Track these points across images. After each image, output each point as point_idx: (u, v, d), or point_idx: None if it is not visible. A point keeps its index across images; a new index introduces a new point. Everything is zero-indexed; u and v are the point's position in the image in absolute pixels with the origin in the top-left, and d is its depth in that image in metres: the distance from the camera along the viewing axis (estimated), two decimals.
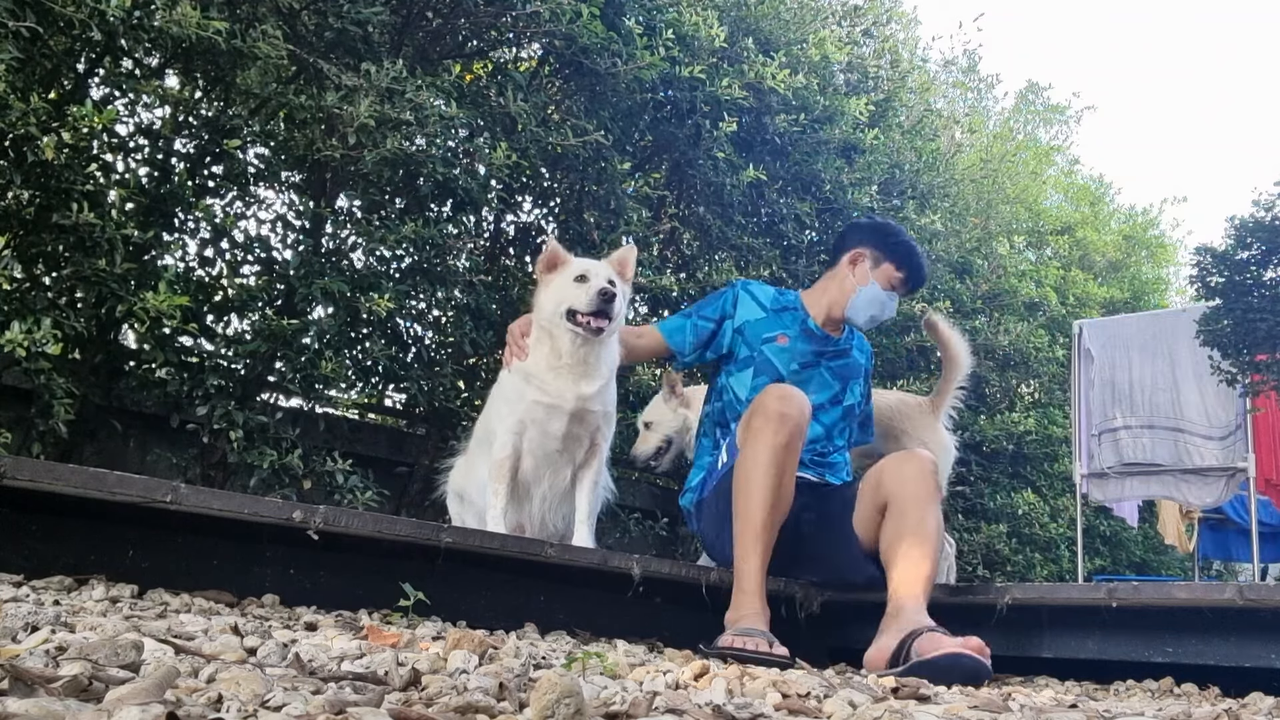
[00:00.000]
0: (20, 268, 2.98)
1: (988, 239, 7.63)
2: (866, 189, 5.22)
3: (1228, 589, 2.38)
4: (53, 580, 1.79)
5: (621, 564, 2.52)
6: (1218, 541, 8.24)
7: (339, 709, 0.95)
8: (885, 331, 5.72)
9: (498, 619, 2.27)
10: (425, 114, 3.25)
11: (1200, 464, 6.03)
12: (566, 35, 3.76)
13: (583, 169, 4.24)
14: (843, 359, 3.15)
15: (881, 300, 3.10)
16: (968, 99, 12.06)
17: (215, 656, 1.22)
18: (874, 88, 5.71)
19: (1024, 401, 7.62)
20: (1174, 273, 13.24)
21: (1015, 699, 1.62)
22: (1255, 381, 4.53)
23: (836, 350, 3.15)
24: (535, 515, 2.86)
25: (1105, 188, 13.70)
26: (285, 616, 1.86)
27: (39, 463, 1.88)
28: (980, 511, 6.59)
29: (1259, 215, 4.18)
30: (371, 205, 3.65)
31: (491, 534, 2.49)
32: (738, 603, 2.44)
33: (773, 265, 4.89)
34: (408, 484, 4.05)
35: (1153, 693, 2.28)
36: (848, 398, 3.13)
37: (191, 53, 3.01)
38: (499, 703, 1.08)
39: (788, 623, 2.65)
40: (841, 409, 3.12)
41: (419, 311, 4.08)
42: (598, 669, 1.46)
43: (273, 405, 3.45)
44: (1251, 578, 7.36)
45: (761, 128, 4.72)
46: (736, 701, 1.28)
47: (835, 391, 3.11)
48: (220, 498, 2.01)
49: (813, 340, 3.11)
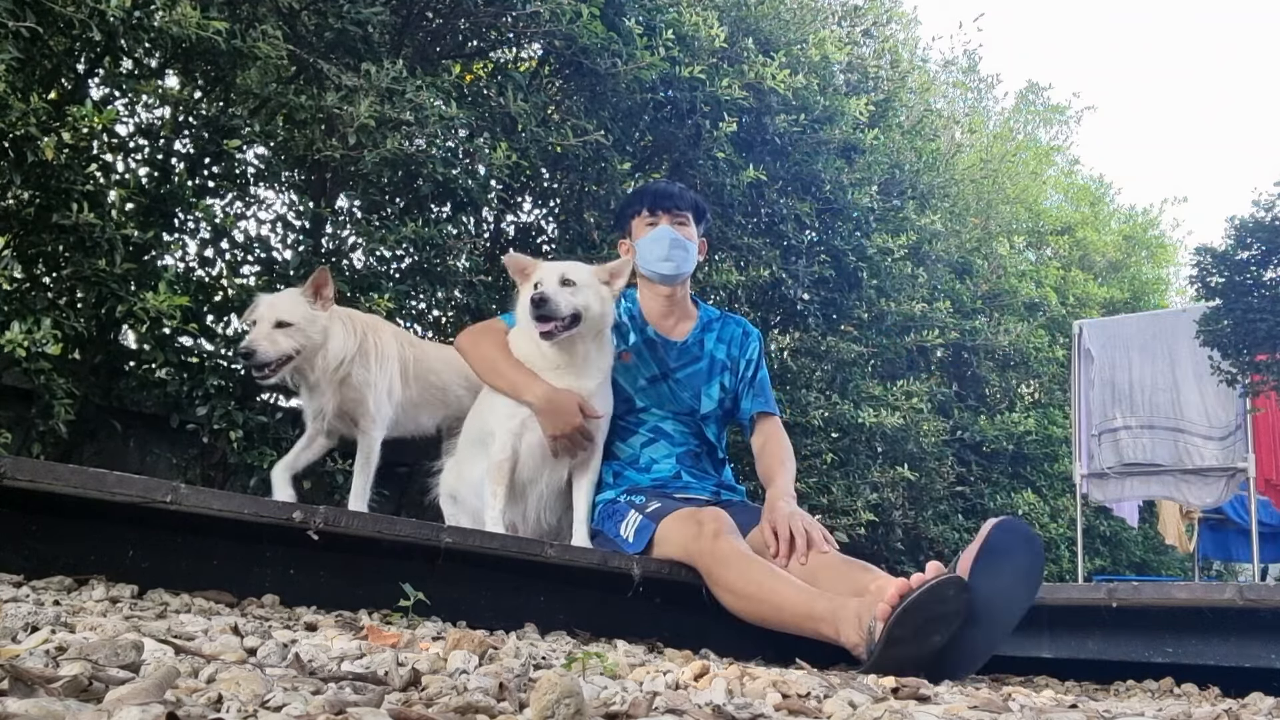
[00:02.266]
0: (20, 268, 2.98)
1: (988, 239, 7.63)
2: (866, 189, 5.23)
3: (1228, 589, 2.38)
4: (53, 580, 1.79)
5: (621, 564, 2.52)
6: (1218, 541, 8.25)
7: (339, 709, 0.95)
8: (885, 332, 5.73)
9: (498, 619, 2.27)
10: (425, 114, 3.25)
11: (1200, 464, 6.03)
12: (566, 35, 3.76)
13: (583, 169, 4.24)
14: (691, 365, 2.98)
15: (655, 238, 2.91)
16: (968, 99, 12.06)
17: (215, 656, 1.22)
18: (874, 88, 5.71)
19: (1024, 401, 7.63)
20: (1174, 273, 13.25)
21: (1015, 699, 1.62)
22: (1255, 381, 4.53)
23: (681, 360, 2.98)
24: (530, 514, 2.86)
25: (1105, 188, 13.71)
26: (285, 616, 1.86)
27: (39, 463, 1.88)
28: (980, 512, 6.59)
29: (1259, 215, 4.18)
30: (371, 205, 3.66)
31: (491, 534, 2.49)
32: (830, 621, 2.14)
33: (773, 265, 4.89)
34: (407, 484, 4.05)
35: (1153, 693, 2.28)
36: (704, 405, 2.96)
37: (191, 53, 3.01)
38: (499, 703, 1.07)
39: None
40: (696, 420, 2.96)
41: (419, 311, 4.08)
42: (598, 669, 1.46)
43: (273, 405, 3.45)
44: (1251, 578, 7.36)
45: (761, 128, 4.72)
46: (736, 701, 1.28)
47: (688, 405, 2.96)
48: (220, 498, 2.01)
49: (655, 350, 2.97)
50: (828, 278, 5.31)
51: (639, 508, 2.75)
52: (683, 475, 2.90)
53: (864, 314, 5.68)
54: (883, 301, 5.61)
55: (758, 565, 2.38)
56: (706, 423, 2.98)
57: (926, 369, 6.64)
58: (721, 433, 3.07)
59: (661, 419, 2.95)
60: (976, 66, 12.02)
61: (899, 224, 5.62)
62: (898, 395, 5.43)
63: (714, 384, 3.00)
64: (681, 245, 2.92)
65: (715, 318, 3.10)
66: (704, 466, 2.98)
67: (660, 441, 2.93)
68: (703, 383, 2.98)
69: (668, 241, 2.90)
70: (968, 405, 6.92)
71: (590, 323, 2.75)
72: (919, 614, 1.93)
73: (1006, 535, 2.04)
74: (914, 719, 1.25)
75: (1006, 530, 2.05)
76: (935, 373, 6.78)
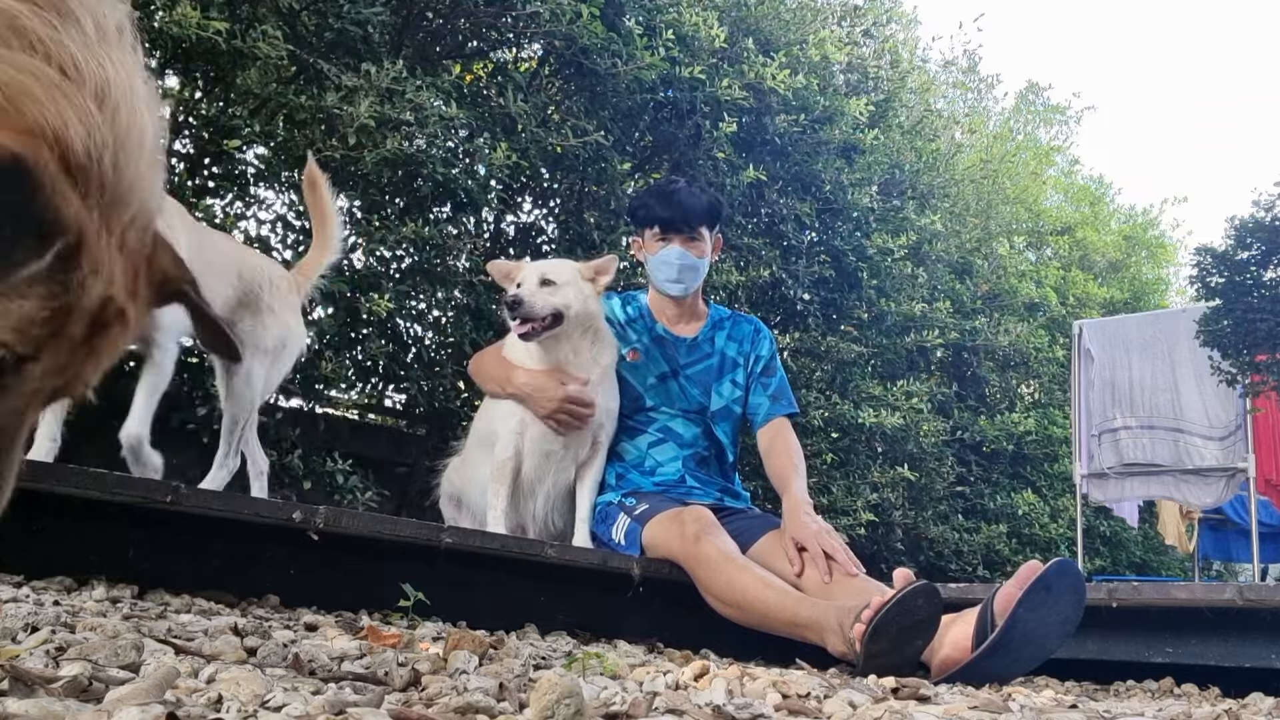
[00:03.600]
0: None
1: (988, 239, 7.63)
2: (866, 189, 5.23)
3: (1228, 589, 2.38)
4: (53, 580, 1.79)
5: (621, 564, 2.52)
6: (1218, 542, 8.25)
7: (339, 709, 0.95)
8: (885, 332, 5.73)
9: (498, 619, 2.27)
10: (425, 114, 3.25)
11: (1200, 464, 6.03)
12: (566, 35, 3.76)
13: (583, 169, 4.24)
14: (702, 363, 2.98)
15: (664, 260, 2.91)
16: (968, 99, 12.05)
17: (215, 657, 1.22)
18: (874, 88, 5.71)
19: (1024, 402, 7.63)
20: (1174, 273, 13.24)
21: (1015, 699, 1.62)
22: (1255, 382, 4.53)
23: (691, 357, 2.98)
24: (539, 515, 2.86)
25: (1105, 188, 13.70)
26: (285, 616, 1.86)
27: (39, 463, 1.88)
28: (980, 511, 6.59)
29: (1259, 215, 4.19)
30: (371, 205, 3.66)
31: (492, 534, 2.49)
32: (815, 629, 2.16)
33: (773, 265, 4.89)
34: (408, 484, 4.05)
35: (1153, 693, 2.28)
36: (715, 402, 2.95)
37: (191, 53, 3.01)
38: (499, 703, 1.07)
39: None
40: (705, 419, 2.96)
41: (419, 311, 4.08)
42: (598, 669, 1.46)
43: (273, 405, 3.45)
44: (1251, 578, 7.36)
45: (761, 128, 4.72)
46: (736, 702, 1.28)
47: (698, 403, 2.95)
48: (220, 498, 2.01)
49: (664, 347, 2.97)
50: (828, 278, 5.32)
51: (628, 510, 2.75)
52: (687, 479, 2.89)
53: (864, 314, 5.68)
54: (883, 301, 5.61)
55: (742, 569, 2.38)
56: (716, 422, 2.97)
57: (926, 369, 6.64)
58: (734, 437, 3.05)
59: (670, 418, 2.94)
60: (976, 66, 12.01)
61: (899, 224, 5.61)
62: (898, 395, 5.43)
63: (725, 381, 2.99)
64: (692, 267, 2.93)
65: (726, 316, 3.10)
66: (711, 471, 2.97)
67: (668, 442, 2.92)
68: (713, 379, 2.97)
69: (677, 266, 2.92)
70: (968, 405, 6.92)
71: (573, 321, 2.76)
72: (893, 627, 1.95)
73: (1061, 578, 2.02)
74: (914, 719, 1.25)
75: (1062, 572, 2.04)
76: (935, 373, 6.78)
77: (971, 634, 2.02)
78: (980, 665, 1.98)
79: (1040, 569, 2.02)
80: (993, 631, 1.98)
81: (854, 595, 2.23)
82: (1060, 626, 2.05)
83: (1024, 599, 1.98)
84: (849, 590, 2.31)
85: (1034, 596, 1.99)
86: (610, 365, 2.87)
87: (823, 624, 2.13)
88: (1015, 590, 2.00)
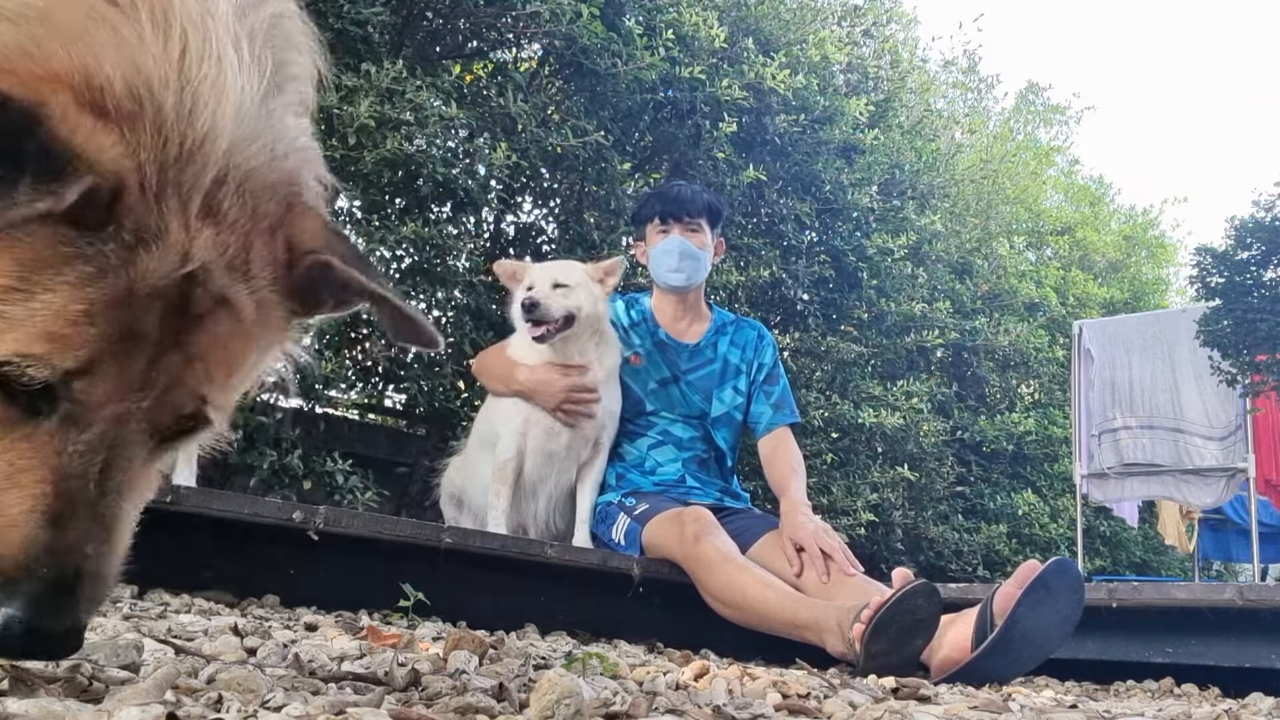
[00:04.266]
0: None
1: (988, 239, 7.63)
2: (866, 189, 5.22)
3: (1228, 589, 2.38)
4: None
5: (621, 564, 2.52)
6: (1218, 542, 8.25)
7: (339, 709, 0.95)
8: (885, 332, 5.72)
9: (498, 619, 2.27)
10: (425, 114, 3.25)
11: (1200, 464, 6.03)
12: (566, 35, 3.76)
13: (583, 169, 4.24)
14: (704, 369, 2.98)
15: (665, 249, 2.92)
16: (968, 99, 12.04)
17: (215, 657, 1.22)
18: (874, 88, 5.71)
19: (1024, 402, 7.62)
20: (1174, 273, 13.22)
21: (1015, 699, 1.62)
22: (1255, 382, 4.53)
23: (694, 362, 2.99)
24: (540, 515, 2.87)
25: (1105, 188, 13.69)
26: (285, 616, 1.86)
27: None
28: (980, 512, 6.59)
29: (1259, 215, 4.19)
30: (371, 205, 3.65)
31: (492, 534, 2.49)
32: (815, 630, 2.18)
33: (773, 265, 4.89)
34: (408, 484, 4.05)
35: (1153, 693, 2.28)
36: (716, 408, 2.96)
37: None
38: (499, 703, 1.07)
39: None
40: (705, 424, 2.97)
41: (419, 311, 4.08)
42: (598, 669, 1.45)
43: (273, 405, 3.45)
44: (1251, 578, 7.36)
45: (761, 128, 4.72)
46: (737, 702, 1.28)
47: (698, 408, 2.96)
48: (220, 498, 2.01)
49: (666, 352, 2.98)
50: (828, 278, 5.32)
51: (628, 510, 2.76)
52: (687, 480, 2.90)
53: (864, 314, 5.68)
54: (883, 302, 5.61)
55: (741, 570, 2.39)
56: (716, 427, 2.97)
57: (926, 369, 6.64)
58: (734, 442, 3.05)
59: (671, 422, 2.95)
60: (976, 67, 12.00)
61: (899, 224, 5.61)
62: (898, 395, 5.42)
63: (726, 388, 2.99)
64: (692, 255, 2.93)
65: (729, 321, 3.10)
66: (710, 473, 2.98)
67: (668, 445, 2.93)
68: (715, 385, 2.98)
69: (677, 254, 2.92)
70: (968, 405, 6.91)
71: (584, 322, 2.78)
72: (892, 627, 1.96)
73: (1060, 577, 2.04)
74: (914, 719, 1.25)
75: (1062, 571, 2.05)
76: (935, 373, 6.78)
77: (971, 634, 2.02)
78: (980, 665, 1.98)
79: (1039, 568, 2.02)
80: (992, 631, 1.98)
81: (853, 595, 2.23)
82: (1060, 626, 2.06)
83: (1023, 599, 1.98)
84: (848, 590, 2.31)
85: (1033, 596, 1.99)
86: (614, 367, 2.88)
87: (822, 624, 2.14)
88: (1014, 590, 2.00)
